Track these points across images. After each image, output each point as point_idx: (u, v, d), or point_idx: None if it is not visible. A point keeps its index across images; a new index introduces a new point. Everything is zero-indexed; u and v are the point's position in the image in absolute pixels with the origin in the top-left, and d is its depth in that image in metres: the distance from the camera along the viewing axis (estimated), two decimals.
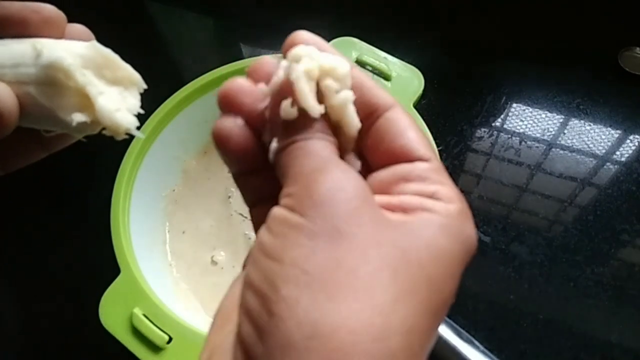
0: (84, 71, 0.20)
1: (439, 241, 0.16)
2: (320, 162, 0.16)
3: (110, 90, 0.21)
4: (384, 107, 0.18)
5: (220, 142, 0.18)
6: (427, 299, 0.15)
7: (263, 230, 0.16)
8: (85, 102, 0.20)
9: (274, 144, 0.17)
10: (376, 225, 0.15)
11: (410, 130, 0.18)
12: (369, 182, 0.18)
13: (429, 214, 0.16)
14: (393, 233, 0.15)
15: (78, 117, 0.20)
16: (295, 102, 0.16)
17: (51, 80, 0.19)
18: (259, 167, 0.18)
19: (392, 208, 0.16)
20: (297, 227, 0.15)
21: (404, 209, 0.16)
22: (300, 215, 0.15)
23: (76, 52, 0.20)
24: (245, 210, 0.39)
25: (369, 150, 0.19)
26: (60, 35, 0.21)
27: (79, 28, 0.22)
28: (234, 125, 0.17)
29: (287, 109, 0.16)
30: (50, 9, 0.20)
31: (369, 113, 0.18)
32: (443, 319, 0.16)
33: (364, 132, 0.18)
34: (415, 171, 0.17)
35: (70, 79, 0.19)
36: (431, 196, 0.17)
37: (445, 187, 0.17)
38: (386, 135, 0.18)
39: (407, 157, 0.17)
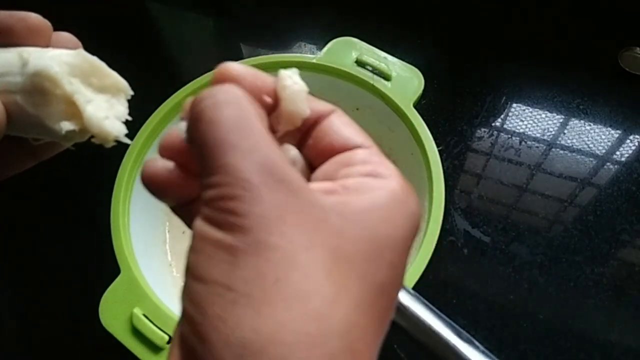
0: (71, 79, 0.20)
1: (377, 224, 0.15)
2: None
3: (98, 98, 0.21)
4: (325, 114, 0.19)
5: (151, 185, 0.19)
6: (366, 293, 0.14)
7: (189, 248, 0.15)
8: (73, 110, 0.20)
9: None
10: (303, 227, 0.14)
11: (348, 126, 0.19)
12: (313, 178, 0.18)
13: (366, 194, 0.16)
14: (324, 229, 0.15)
15: (66, 126, 0.20)
16: None
17: (38, 88, 0.19)
18: (194, 196, 0.19)
19: (333, 191, 0.16)
20: (216, 243, 0.14)
21: (345, 189, 0.16)
22: (218, 228, 0.14)
23: (63, 60, 0.20)
24: None
25: (312, 153, 0.19)
26: (46, 43, 0.21)
27: (65, 36, 0.22)
28: (161, 167, 0.19)
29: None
30: (35, 17, 0.20)
31: (312, 122, 0.19)
32: (391, 306, 0.16)
33: (304, 142, 0.19)
34: (355, 156, 0.18)
35: (57, 87, 0.19)
36: (369, 174, 0.17)
37: (385, 166, 0.17)
38: (326, 134, 0.18)
39: (347, 147, 0.18)
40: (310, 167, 0.19)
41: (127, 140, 0.21)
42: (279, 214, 0.14)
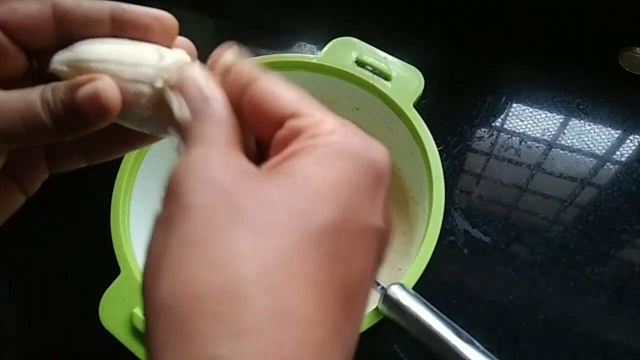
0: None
1: (312, 173, 0.15)
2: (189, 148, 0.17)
3: None
4: (247, 83, 0.18)
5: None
6: (299, 237, 0.14)
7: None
8: None
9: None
10: (241, 192, 0.15)
11: (268, 92, 0.17)
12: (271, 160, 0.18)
13: (308, 149, 0.16)
14: (245, 186, 0.15)
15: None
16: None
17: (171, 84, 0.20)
18: None
19: (277, 164, 0.16)
20: (160, 221, 0.15)
21: (285, 158, 0.16)
22: (166, 209, 0.15)
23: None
24: None
25: (257, 134, 0.19)
26: (171, 43, 0.22)
27: (183, 40, 0.22)
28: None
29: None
30: (169, 18, 0.21)
31: (238, 94, 0.18)
32: (344, 248, 0.15)
33: (245, 118, 0.18)
34: (288, 133, 0.17)
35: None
36: (311, 137, 0.16)
37: (323, 124, 0.16)
38: (254, 108, 0.18)
39: (277, 122, 0.17)
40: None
41: None
42: (207, 179, 0.15)
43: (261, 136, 0.18)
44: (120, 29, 0.20)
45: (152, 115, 0.20)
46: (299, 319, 0.13)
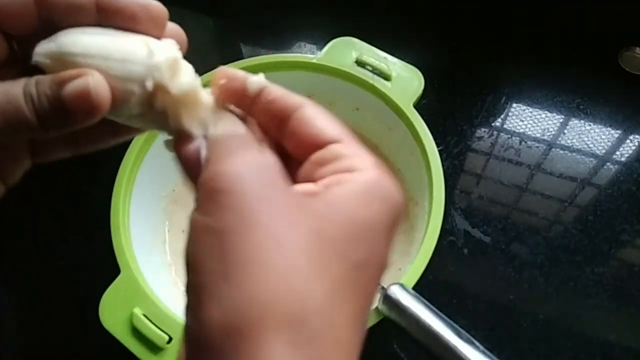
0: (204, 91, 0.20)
1: (354, 209, 0.16)
2: (221, 156, 0.17)
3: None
4: (292, 109, 0.19)
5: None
6: (345, 269, 0.15)
7: (186, 245, 0.16)
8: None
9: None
10: (286, 209, 0.16)
11: (316, 119, 0.19)
12: (296, 180, 0.19)
13: (343, 185, 0.17)
14: (306, 213, 0.16)
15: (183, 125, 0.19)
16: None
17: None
18: None
19: (314, 193, 0.17)
20: (207, 229, 0.15)
21: (324, 187, 0.17)
22: (209, 215, 0.16)
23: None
24: None
25: (291, 151, 0.20)
26: (161, 34, 0.20)
27: (173, 28, 0.21)
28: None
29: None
30: (156, 6, 0.20)
31: (282, 119, 0.19)
32: (373, 282, 0.17)
33: (283, 136, 0.19)
34: (328, 154, 0.18)
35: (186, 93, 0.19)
36: (347, 170, 0.18)
37: (360, 158, 0.18)
38: (297, 131, 0.19)
39: (319, 144, 0.18)
40: (293, 159, 0.20)
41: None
42: (264, 197, 0.16)
43: (295, 153, 0.19)
44: (105, 17, 0.19)
45: (141, 113, 0.19)
46: (348, 348, 0.15)
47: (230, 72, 0.20)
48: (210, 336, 0.14)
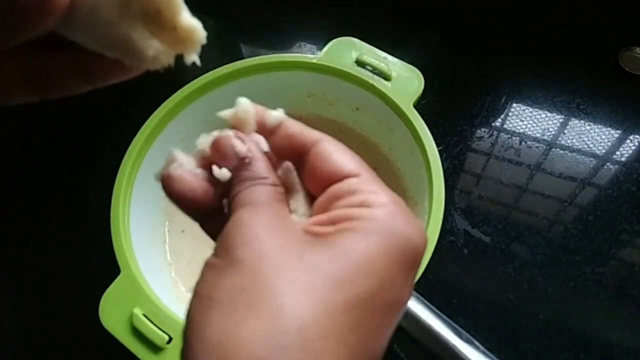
0: None
1: (358, 249, 0.16)
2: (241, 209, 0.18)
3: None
4: (311, 144, 0.19)
5: (178, 198, 0.19)
6: (339, 300, 0.15)
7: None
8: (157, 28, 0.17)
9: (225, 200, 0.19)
10: (275, 243, 0.17)
11: (335, 153, 0.19)
12: (312, 212, 0.19)
13: (354, 222, 0.17)
14: (296, 249, 0.17)
15: (154, 46, 0.17)
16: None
17: None
18: (219, 209, 0.20)
19: (323, 223, 0.18)
20: (210, 265, 0.17)
21: (332, 222, 0.17)
22: (216, 256, 0.17)
23: None
24: None
25: (309, 186, 0.20)
26: None
27: None
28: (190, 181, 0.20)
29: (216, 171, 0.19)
30: None
31: (301, 153, 0.20)
32: (379, 325, 0.16)
33: (302, 171, 0.20)
34: (344, 187, 0.18)
35: None
36: (360, 205, 0.18)
37: (376, 195, 0.18)
38: (316, 165, 0.19)
39: (337, 178, 0.19)
40: (311, 197, 0.20)
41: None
42: (256, 234, 0.17)
43: (312, 188, 0.20)
44: None
45: (114, 19, 0.15)
46: None
47: (250, 106, 0.20)
48: (193, 351, 0.15)
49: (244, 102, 0.20)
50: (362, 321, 0.16)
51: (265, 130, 0.20)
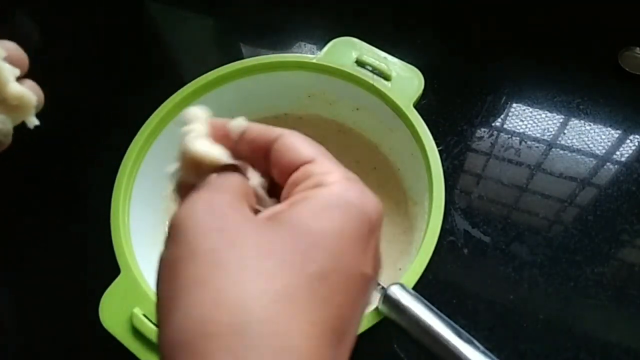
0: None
1: (310, 222, 0.17)
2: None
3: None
4: (272, 141, 0.20)
5: None
6: (297, 280, 0.16)
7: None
8: None
9: None
10: (236, 236, 0.16)
11: (292, 145, 0.20)
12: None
13: (305, 201, 0.18)
14: (257, 236, 0.16)
15: None
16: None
17: None
18: None
19: (273, 215, 0.18)
20: (165, 262, 0.17)
21: (290, 204, 0.18)
22: (165, 249, 0.17)
23: None
24: None
25: (277, 180, 0.21)
26: None
27: (10, 46, 0.22)
28: None
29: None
30: None
31: (265, 153, 0.20)
32: (336, 291, 0.16)
33: (268, 169, 0.21)
34: (300, 174, 0.19)
35: None
36: (314, 186, 0.18)
37: (329, 174, 0.19)
38: (277, 160, 0.20)
39: (294, 167, 0.19)
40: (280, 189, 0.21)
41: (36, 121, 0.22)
42: (213, 228, 0.16)
43: (280, 181, 0.20)
44: None
45: None
46: (299, 356, 0.15)
47: (213, 122, 0.21)
48: (166, 353, 0.15)
49: (191, 110, 0.21)
50: (324, 297, 0.16)
51: (231, 140, 0.21)
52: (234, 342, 0.14)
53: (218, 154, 0.20)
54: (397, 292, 0.31)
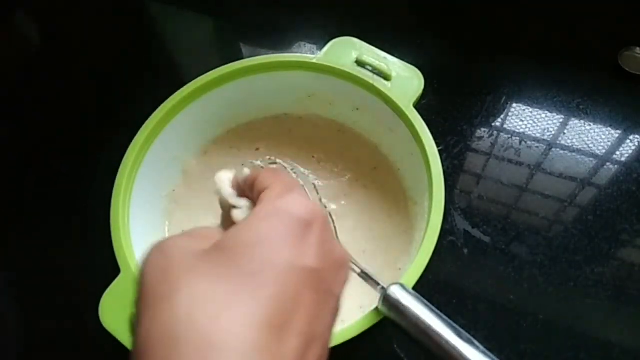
0: None
1: (241, 233, 0.20)
2: None
3: None
4: (254, 180, 0.25)
5: None
6: (235, 278, 0.18)
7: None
8: None
9: None
10: (191, 266, 0.19)
11: (261, 177, 0.24)
12: None
13: (246, 219, 0.21)
14: (203, 259, 0.19)
15: None
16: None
17: None
18: None
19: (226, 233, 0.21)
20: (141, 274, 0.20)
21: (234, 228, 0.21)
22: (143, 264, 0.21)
23: None
24: None
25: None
26: None
27: None
28: None
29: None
30: None
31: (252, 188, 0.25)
32: (268, 281, 0.18)
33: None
34: (259, 199, 0.23)
35: None
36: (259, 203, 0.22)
37: (269, 192, 0.22)
38: (256, 189, 0.24)
39: (258, 195, 0.23)
40: None
41: None
42: (181, 264, 0.19)
43: None
44: None
45: None
46: (233, 345, 0.17)
47: (233, 178, 0.27)
48: (137, 352, 0.18)
49: (218, 176, 0.28)
50: (258, 285, 0.18)
51: (240, 186, 0.26)
52: (168, 351, 0.16)
53: (228, 197, 0.26)
54: (397, 292, 0.31)
